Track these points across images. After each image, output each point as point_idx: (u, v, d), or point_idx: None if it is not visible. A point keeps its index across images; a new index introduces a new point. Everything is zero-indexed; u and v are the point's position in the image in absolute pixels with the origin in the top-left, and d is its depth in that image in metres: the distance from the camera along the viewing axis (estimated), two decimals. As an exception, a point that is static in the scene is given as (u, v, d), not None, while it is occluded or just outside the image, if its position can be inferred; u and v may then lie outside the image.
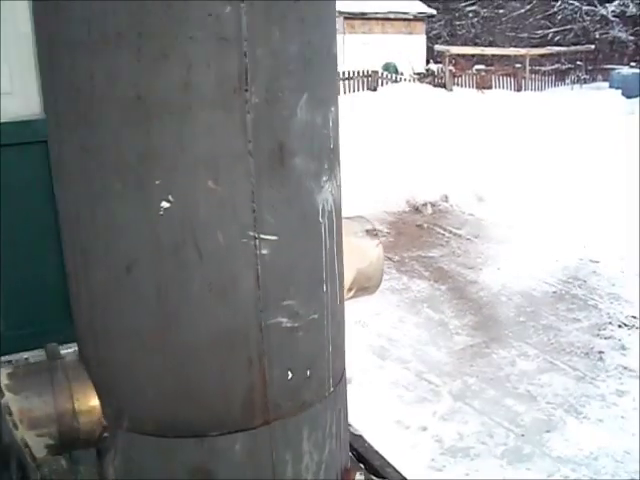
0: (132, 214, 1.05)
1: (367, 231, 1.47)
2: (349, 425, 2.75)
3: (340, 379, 1.33)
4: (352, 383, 3.86)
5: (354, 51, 21.61)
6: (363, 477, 1.41)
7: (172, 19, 0.95)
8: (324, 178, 1.17)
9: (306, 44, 1.08)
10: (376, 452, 2.58)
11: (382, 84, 19.35)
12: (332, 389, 1.28)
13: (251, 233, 1.07)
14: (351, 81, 19.01)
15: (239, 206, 1.05)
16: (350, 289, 1.44)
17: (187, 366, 1.11)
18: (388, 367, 4.12)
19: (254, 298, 1.10)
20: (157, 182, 1.02)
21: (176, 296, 1.07)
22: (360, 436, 2.73)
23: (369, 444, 2.66)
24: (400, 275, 5.92)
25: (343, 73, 19.11)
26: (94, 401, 1.20)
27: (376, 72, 19.37)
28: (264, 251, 1.08)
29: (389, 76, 20.03)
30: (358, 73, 19.10)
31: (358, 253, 1.42)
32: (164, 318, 1.09)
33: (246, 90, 1.01)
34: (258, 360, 1.13)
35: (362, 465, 2.46)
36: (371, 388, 3.77)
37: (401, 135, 10.40)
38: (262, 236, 1.08)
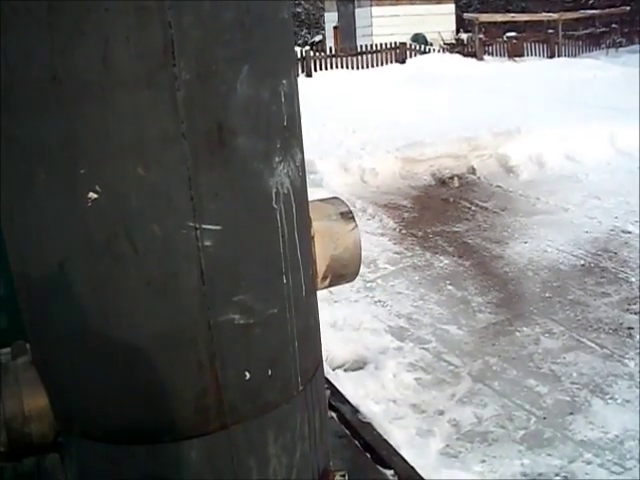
0: (60, 206, 0.96)
1: (342, 214, 1.35)
2: (357, 413, 2.69)
3: (312, 377, 1.23)
4: (368, 366, 3.78)
5: (382, 23, 21.26)
6: (345, 478, 1.30)
7: (84, -11, 0.85)
8: (277, 159, 1.05)
9: (244, 9, 0.97)
10: (383, 440, 2.51)
11: (411, 56, 19.09)
12: (301, 388, 1.18)
13: (191, 223, 0.96)
14: (379, 54, 18.77)
15: (175, 194, 0.95)
16: (325, 277, 1.33)
17: (131, 369, 1.02)
18: (406, 348, 4.01)
19: (199, 294, 1.00)
20: (82, 171, 0.92)
21: (113, 295, 0.98)
22: (368, 424, 2.66)
23: (377, 432, 2.59)
24: (423, 252, 5.79)
25: (371, 46, 18.89)
26: (46, 405, 1.13)
27: (404, 44, 19.10)
28: (207, 242, 0.98)
29: (418, 47, 19.74)
30: (386, 46, 18.83)
31: (331, 239, 1.31)
32: (102, 318, 1.00)
33: (174, 65, 0.91)
34: (209, 361, 1.03)
35: (368, 454, 2.39)
36: (387, 371, 3.67)
37: (425, 108, 10.19)
38: (204, 226, 0.97)
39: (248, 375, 1.08)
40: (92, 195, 0.93)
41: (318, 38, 27.04)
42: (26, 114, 0.93)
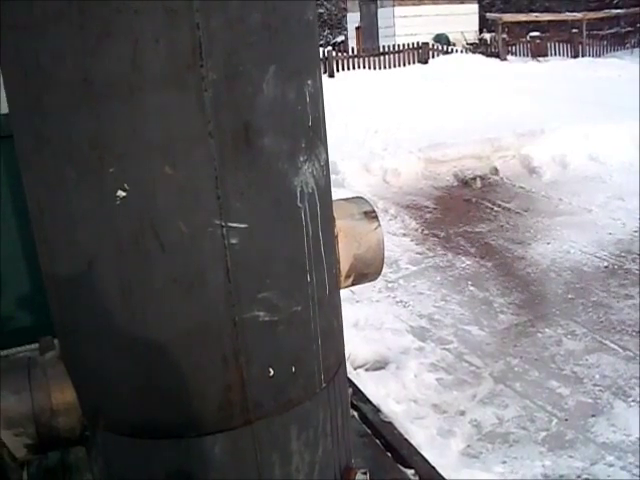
0: (89, 205, 0.98)
1: (365, 213, 1.36)
2: (379, 412, 2.69)
3: (335, 374, 1.24)
4: (390, 366, 3.78)
5: (405, 24, 21.19)
6: (367, 476, 1.31)
7: (114, -8, 0.86)
8: (301, 158, 1.07)
9: (270, 11, 0.98)
10: (404, 440, 2.51)
11: (433, 56, 18.99)
12: (324, 385, 1.19)
13: (217, 222, 0.98)
14: (401, 54, 18.71)
15: (202, 193, 0.97)
16: (348, 276, 1.34)
17: (157, 365, 1.04)
18: (428, 349, 4.01)
19: (225, 291, 1.01)
20: (111, 170, 0.94)
21: (140, 291, 1.00)
22: (389, 423, 2.66)
23: (398, 431, 2.59)
24: (445, 252, 5.77)
25: (393, 47, 18.83)
26: (73, 400, 1.15)
27: (427, 44, 19.01)
28: (233, 240, 1.00)
29: (440, 47, 19.65)
30: (408, 46, 18.77)
31: (355, 238, 1.32)
32: (130, 315, 1.02)
33: (201, 66, 0.92)
34: (234, 357, 1.05)
35: (389, 454, 2.39)
36: (409, 371, 3.67)
37: (447, 108, 10.15)
38: (230, 224, 0.99)
39: (272, 372, 1.09)
40: (120, 193, 0.95)
41: (340, 38, 27.04)
42: (57, 114, 0.95)
